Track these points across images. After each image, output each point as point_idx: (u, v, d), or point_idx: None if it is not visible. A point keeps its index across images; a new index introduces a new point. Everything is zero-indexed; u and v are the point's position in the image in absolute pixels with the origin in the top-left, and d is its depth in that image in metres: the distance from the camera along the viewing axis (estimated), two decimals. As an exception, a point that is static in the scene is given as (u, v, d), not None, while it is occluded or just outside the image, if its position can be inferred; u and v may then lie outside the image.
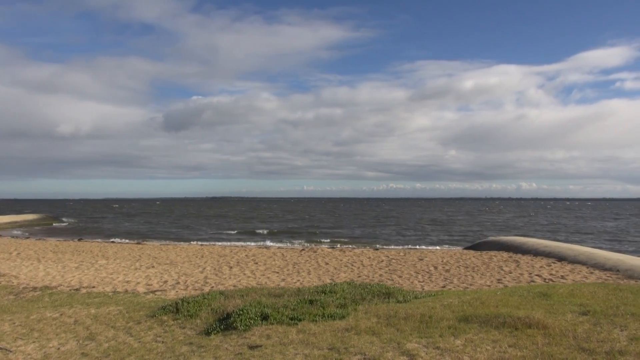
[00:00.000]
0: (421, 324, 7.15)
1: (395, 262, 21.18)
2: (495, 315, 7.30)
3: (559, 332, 6.44)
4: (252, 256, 23.67)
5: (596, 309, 7.74)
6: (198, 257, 23.44)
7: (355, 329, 7.02)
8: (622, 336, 6.28)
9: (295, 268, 19.57)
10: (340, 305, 8.77)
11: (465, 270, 18.60)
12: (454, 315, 7.56)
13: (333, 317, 7.86)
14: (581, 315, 7.46)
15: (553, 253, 21.75)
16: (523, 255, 22.36)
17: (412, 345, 6.16)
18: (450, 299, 9.19)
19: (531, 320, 6.90)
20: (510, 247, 25.01)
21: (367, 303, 9.07)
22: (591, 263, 18.74)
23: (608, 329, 6.61)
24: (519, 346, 5.98)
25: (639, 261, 18.66)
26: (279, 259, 22.48)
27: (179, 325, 8.24)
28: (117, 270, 18.68)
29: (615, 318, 7.16)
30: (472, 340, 6.31)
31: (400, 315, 7.63)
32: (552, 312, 7.69)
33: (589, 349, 5.79)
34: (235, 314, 8.02)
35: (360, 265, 20.37)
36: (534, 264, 19.66)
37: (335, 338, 6.64)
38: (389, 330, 6.91)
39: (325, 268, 19.64)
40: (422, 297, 9.94)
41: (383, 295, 9.86)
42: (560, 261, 20.03)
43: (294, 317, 7.85)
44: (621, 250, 30.69)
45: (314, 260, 21.94)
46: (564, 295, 9.16)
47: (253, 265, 20.50)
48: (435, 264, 20.29)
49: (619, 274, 16.23)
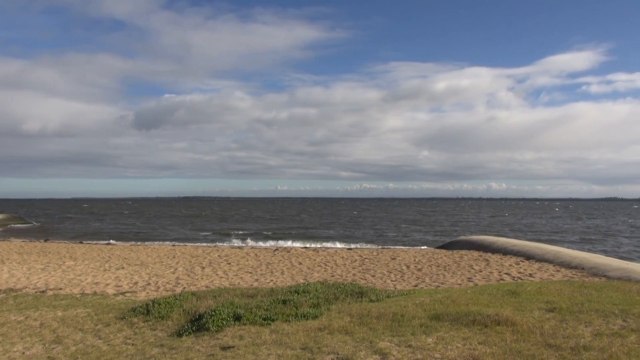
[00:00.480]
0: (393, 322, 7.22)
1: (369, 262, 21.32)
2: (465, 313, 7.43)
3: (527, 329, 6.60)
4: (224, 256, 23.46)
5: (562, 306, 7.96)
6: (170, 257, 23.10)
7: (328, 329, 7.04)
8: (587, 332, 6.47)
9: (268, 268, 19.50)
10: (314, 305, 8.77)
11: (437, 269, 18.86)
12: (425, 314, 7.66)
13: (306, 317, 7.86)
14: (548, 312, 7.66)
15: (522, 252, 22.27)
16: (493, 254, 22.82)
17: (384, 344, 6.21)
18: (422, 298, 9.31)
19: (500, 317, 7.05)
20: (480, 246, 25.49)
21: (341, 302, 9.10)
22: (558, 261, 19.26)
23: (573, 325, 6.80)
24: (489, 343, 6.10)
25: (603, 259, 19.28)
26: (252, 259, 22.36)
27: (150, 327, 8.10)
28: (85, 271, 18.25)
29: (580, 315, 7.38)
30: (443, 338, 6.41)
31: (373, 314, 7.69)
32: (520, 309, 7.87)
33: (555, 344, 5.95)
34: (207, 315, 7.94)
35: (334, 265, 20.43)
36: (504, 262, 20.08)
37: (308, 338, 6.65)
38: (362, 330, 6.95)
39: (299, 268, 19.62)
40: (395, 296, 10.03)
41: (356, 295, 9.92)
42: (528, 260, 20.52)
43: (267, 317, 7.82)
44: (586, 249, 31.64)
45: (288, 260, 21.91)
46: (531, 293, 9.38)
47: (226, 265, 20.33)
48: (408, 263, 20.51)
49: (584, 272, 16.73)
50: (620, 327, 6.68)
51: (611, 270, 16.13)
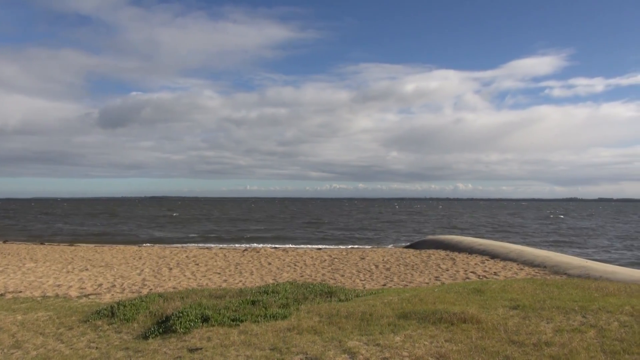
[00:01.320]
0: (362, 321, 7.27)
1: (338, 262, 21.41)
2: (432, 312, 7.55)
3: (492, 326, 6.76)
4: (192, 257, 23.15)
5: (525, 303, 8.18)
6: (136, 258, 22.63)
7: (297, 329, 7.03)
8: (548, 328, 6.67)
9: (237, 269, 19.34)
10: (283, 305, 8.75)
11: (405, 268, 19.10)
12: (393, 313, 7.75)
13: (275, 317, 7.83)
14: (512, 309, 7.86)
15: (487, 251, 22.79)
16: (459, 253, 23.27)
17: (353, 343, 6.25)
18: (391, 297, 9.41)
19: (466, 315, 7.20)
20: (447, 246, 25.95)
21: (310, 302, 9.10)
22: (521, 260, 19.79)
23: (536, 322, 7.00)
24: (455, 340, 6.22)
25: (564, 258, 19.92)
26: (221, 260, 22.13)
27: (115, 330, 7.92)
28: (47, 273, 17.68)
29: (542, 311, 7.60)
30: (410, 336, 6.50)
31: (342, 314, 7.72)
32: (485, 307, 8.05)
33: (518, 341, 6.11)
34: (174, 317, 7.81)
35: (303, 265, 20.43)
36: (469, 261, 20.50)
37: (277, 338, 6.63)
38: (331, 329, 6.97)
39: (268, 268, 19.54)
40: (364, 295, 10.10)
41: (325, 295, 9.94)
42: (493, 258, 21.01)
43: (236, 318, 7.75)
44: (548, 247, 32.60)
45: (257, 261, 21.78)
46: (496, 291, 9.61)
47: (194, 266, 20.06)
48: (377, 263, 20.70)
49: (546, 270, 17.25)
50: (580, 323, 6.91)
51: (572, 268, 16.68)
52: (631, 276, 14.46)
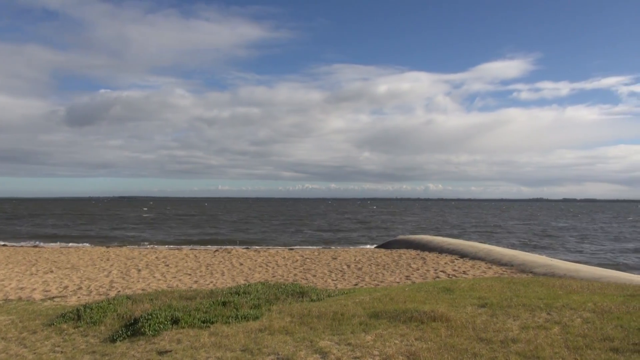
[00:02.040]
0: (334, 321, 7.30)
1: (310, 262, 21.43)
2: (403, 311, 7.64)
3: (460, 324, 6.88)
4: (162, 258, 22.77)
5: (493, 301, 8.36)
6: (103, 260, 22.12)
7: (269, 329, 7.01)
8: (515, 325, 6.84)
9: (208, 269, 19.13)
10: (254, 305, 8.71)
11: (377, 268, 19.26)
12: (365, 312, 7.80)
13: (247, 318, 7.78)
14: (480, 307, 8.02)
15: (456, 250, 23.19)
16: (430, 253, 23.60)
17: (324, 343, 6.27)
18: (362, 296, 9.47)
19: (436, 314, 7.31)
20: (418, 245, 26.29)
21: (281, 303, 9.08)
22: (489, 259, 20.22)
23: (503, 320, 7.16)
24: (425, 339, 6.31)
25: (530, 256, 20.45)
26: (192, 261, 21.85)
27: (81, 334, 7.72)
28: (9, 276, 17.10)
29: (509, 309, 7.78)
30: (381, 335, 6.56)
31: (314, 314, 7.73)
32: (454, 305, 8.19)
33: (486, 338, 6.24)
34: (143, 319, 7.67)
35: (275, 266, 20.37)
36: (439, 260, 20.82)
37: (248, 339, 6.59)
38: (303, 329, 6.97)
39: (240, 269, 19.40)
40: (335, 295, 10.14)
41: (297, 295, 9.94)
42: (462, 258, 21.39)
43: (207, 319, 7.67)
44: (515, 246, 33.43)
45: (228, 261, 21.60)
46: (465, 290, 9.79)
47: (164, 267, 19.74)
48: (348, 263, 20.80)
49: (513, 269, 17.67)
50: (545, 320, 7.10)
51: (537, 267, 17.13)
52: (593, 274, 14.95)
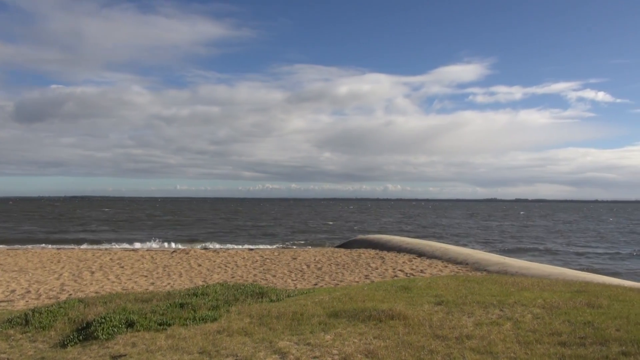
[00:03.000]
0: (293, 321, 7.29)
1: (270, 262, 21.34)
2: (362, 310, 7.71)
3: (417, 322, 7.02)
4: (117, 260, 22.12)
5: (449, 299, 8.57)
6: (54, 262, 21.27)
7: (227, 331, 6.93)
8: (469, 322, 7.03)
9: (165, 271, 18.74)
10: (213, 307, 8.58)
11: (336, 267, 19.39)
12: (324, 312, 7.83)
13: (205, 320, 7.67)
14: (436, 305, 8.21)
15: (414, 249, 23.64)
16: (388, 252, 23.96)
17: (284, 343, 6.25)
18: (322, 296, 9.51)
19: (394, 312, 7.42)
20: (377, 245, 26.64)
21: (241, 304, 9.00)
22: (446, 258, 20.72)
23: (458, 317, 7.35)
24: (383, 337, 6.39)
25: (484, 255, 21.09)
26: (148, 262, 21.33)
27: (29, 339, 7.39)
28: (-50, 280, 16.20)
29: (464, 306, 8.00)
30: (341, 334, 6.60)
31: (273, 314, 7.70)
32: (412, 303, 8.35)
33: (442, 335, 6.39)
34: (96, 323, 7.42)
35: (235, 266, 20.17)
36: (398, 259, 21.17)
37: (206, 341, 6.49)
38: (262, 330, 6.93)
39: (198, 270, 19.10)
40: (295, 295, 10.13)
41: (256, 295, 9.87)
42: (420, 257, 21.83)
43: (163, 322, 7.50)
44: (470, 245, 34.38)
45: (186, 262, 21.22)
46: (422, 288, 9.98)
47: (118, 269, 19.18)
48: (308, 263, 20.85)
49: (468, 267, 18.17)
50: (498, 316, 7.34)
51: (491, 265, 17.69)
52: (543, 271, 15.57)
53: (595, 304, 7.90)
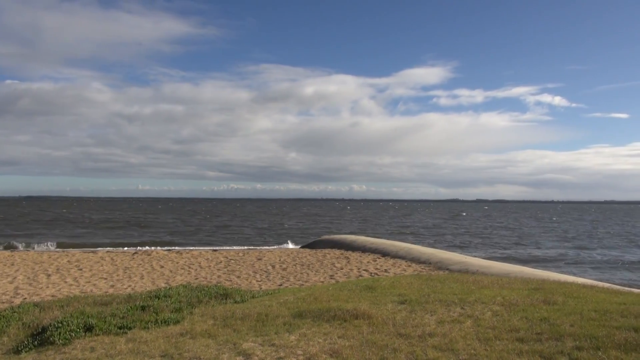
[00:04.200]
0: (258, 322, 7.25)
1: (234, 263, 21.14)
2: (327, 310, 7.74)
3: (381, 321, 7.10)
4: (75, 262, 21.42)
5: (412, 298, 8.70)
6: (7, 265, 20.41)
7: (190, 333, 6.82)
8: (432, 320, 7.16)
9: (126, 273, 18.28)
10: (176, 309, 8.44)
11: (301, 268, 19.39)
12: (289, 312, 7.82)
13: (167, 323, 7.52)
14: (400, 304, 8.32)
15: (379, 249, 23.89)
16: (353, 252, 24.13)
17: (248, 345, 6.21)
18: (286, 297, 9.49)
19: (358, 311, 7.48)
20: (342, 245, 26.78)
21: (204, 305, 8.88)
22: (409, 257, 21.03)
23: (421, 315, 7.48)
24: (347, 336, 6.43)
25: (447, 254, 21.52)
26: (108, 264, 20.76)
27: (-20, 346, 7.07)
28: None
29: (427, 305, 8.14)
30: (305, 334, 6.60)
31: (237, 316, 7.63)
32: (376, 303, 8.43)
33: (405, 334, 6.49)
34: (52, 327, 7.16)
35: (198, 267, 19.88)
36: (362, 259, 21.35)
37: (168, 344, 6.37)
38: (226, 332, 6.86)
39: (160, 271, 18.73)
40: (260, 296, 10.08)
41: (221, 297, 9.76)
42: (384, 256, 22.08)
43: (124, 325, 7.31)
44: (434, 245, 35.03)
45: (148, 264, 20.76)
46: (386, 287, 10.10)
47: (76, 272, 18.59)
48: (273, 263, 20.76)
49: (431, 266, 18.51)
50: (459, 314, 7.51)
51: (453, 264, 18.07)
52: (502, 270, 16.02)
53: (551, 300, 8.19)
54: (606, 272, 25.98)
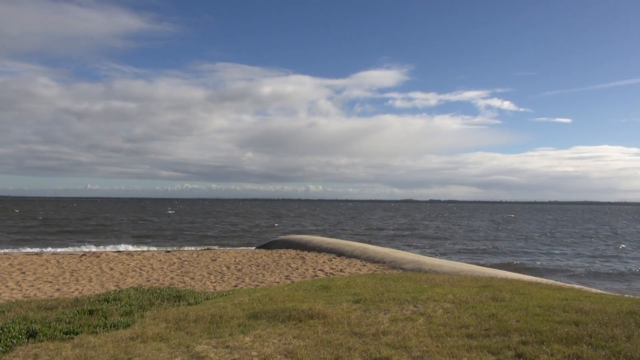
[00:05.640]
0: (211, 324, 7.14)
1: (188, 264, 20.74)
2: (282, 310, 7.73)
3: (336, 320, 7.15)
4: (17, 265, 20.38)
5: (366, 297, 8.81)
6: (-58, 269, 19.19)
7: (141, 337, 6.64)
8: (386, 319, 7.28)
9: (73, 276, 17.57)
10: (126, 312, 8.19)
11: (257, 268, 19.25)
12: (244, 313, 7.75)
13: (117, 327, 7.29)
14: (355, 303, 8.41)
15: (334, 249, 24.05)
16: (309, 252, 24.18)
17: (201, 347, 6.11)
18: (241, 298, 9.40)
19: (313, 311, 7.51)
20: (298, 245, 26.79)
21: (156, 308, 8.67)
22: (364, 257, 21.29)
23: (375, 314, 7.59)
24: (302, 336, 6.44)
25: (400, 254, 21.93)
26: (54, 267, 19.88)
27: None
28: None
29: (381, 303, 8.27)
30: (260, 335, 6.56)
31: (191, 318, 7.50)
32: (331, 302, 8.49)
33: (360, 332, 6.56)
34: (-8, 334, 6.79)
35: (150, 269, 19.37)
36: (318, 259, 21.43)
37: (118, 349, 6.17)
38: (179, 335, 6.72)
39: (110, 274, 18.13)
40: (214, 297, 9.94)
41: (173, 299, 9.57)
42: (339, 256, 22.25)
43: (70, 330, 7.03)
44: (389, 245, 35.59)
45: (97, 266, 20.05)
46: (341, 287, 10.19)
47: (19, 275, 17.70)
48: (228, 264, 20.52)
49: (386, 265, 18.80)
50: (412, 312, 7.67)
51: (406, 263, 18.42)
52: (453, 268, 16.48)
53: (499, 297, 8.50)
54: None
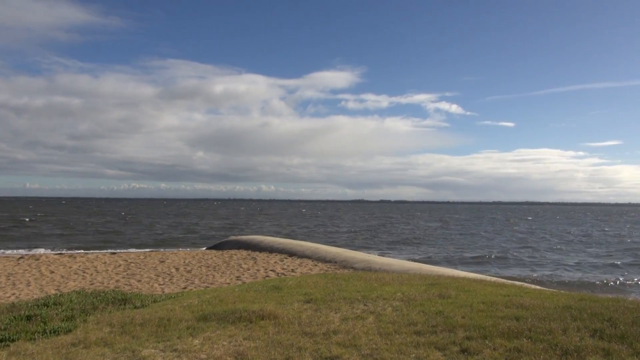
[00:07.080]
0: (159, 327, 6.96)
1: (135, 266, 20.11)
2: (232, 311, 7.63)
3: (287, 321, 7.14)
4: (-53, 269, 19.11)
5: (317, 296, 8.85)
6: None
7: (84, 342, 6.37)
8: (336, 318, 7.34)
9: (9, 280, 16.65)
10: (67, 317, 7.85)
11: (207, 269, 18.93)
12: (193, 316, 7.60)
13: (57, 332, 6.97)
14: (306, 303, 8.43)
15: (286, 249, 24.02)
16: (260, 253, 24.03)
17: (148, 352, 5.93)
18: (191, 300, 9.22)
19: (264, 312, 7.46)
20: (249, 246, 26.57)
21: (100, 312, 8.35)
22: (316, 257, 21.39)
23: (326, 313, 7.63)
24: (253, 337, 6.39)
25: (351, 253, 22.18)
26: (-12, 271, 18.76)
27: None
28: None
29: (332, 303, 8.32)
30: (210, 337, 6.45)
31: (137, 322, 7.27)
32: (282, 303, 8.47)
33: (310, 332, 6.58)
34: None
35: (94, 272, 18.64)
36: (270, 260, 21.33)
37: (58, 355, 5.90)
38: (124, 339, 6.50)
39: (50, 277, 17.30)
40: (162, 300, 9.70)
41: (119, 302, 9.25)
42: (291, 256, 22.24)
43: (5, 337, 6.66)
44: (339, 244, 35.90)
45: (36, 270, 19.08)
46: (292, 287, 10.18)
47: (-51, 280, 16.59)
48: (177, 266, 20.06)
49: (337, 265, 18.96)
50: (362, 310, 7.77)
51: (357, 262, 18.66)
52: (403, 267, 16.84)
53: (446, 295, 8.76)
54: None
